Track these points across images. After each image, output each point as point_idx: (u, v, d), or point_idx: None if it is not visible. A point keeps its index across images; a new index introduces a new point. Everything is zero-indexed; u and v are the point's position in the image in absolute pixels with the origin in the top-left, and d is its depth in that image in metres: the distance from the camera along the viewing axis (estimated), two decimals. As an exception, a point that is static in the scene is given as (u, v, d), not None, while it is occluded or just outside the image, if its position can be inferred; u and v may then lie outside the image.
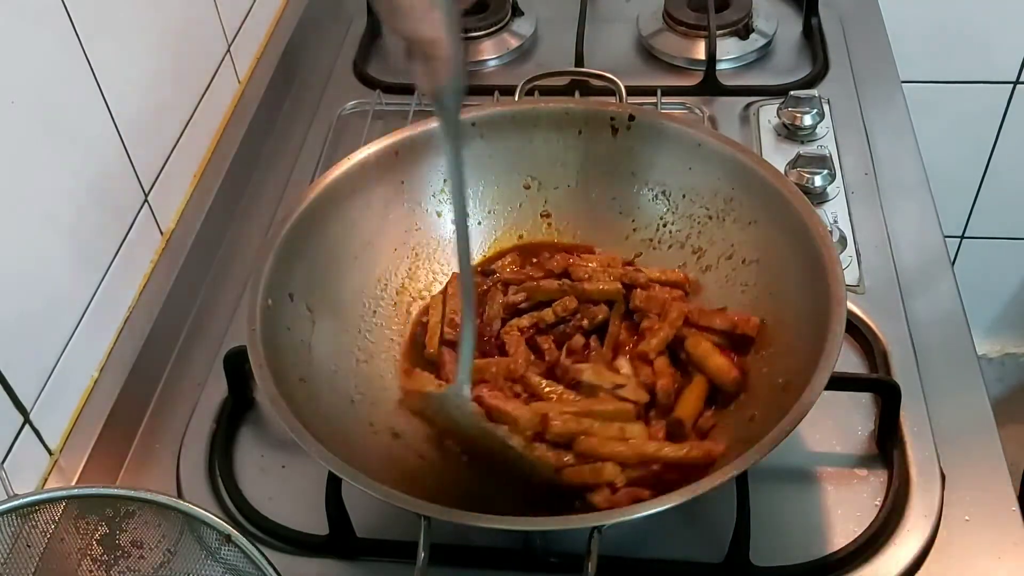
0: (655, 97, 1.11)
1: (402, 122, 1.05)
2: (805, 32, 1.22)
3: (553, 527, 0.67)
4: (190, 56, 1.01)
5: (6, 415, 0.72)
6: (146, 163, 0.91)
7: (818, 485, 0.76)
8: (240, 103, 1.11)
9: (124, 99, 0.87)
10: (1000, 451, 0.77)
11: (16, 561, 0.65)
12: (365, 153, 0.86)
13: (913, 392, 0.80)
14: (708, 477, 0.62)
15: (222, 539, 0.64)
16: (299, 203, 0.82)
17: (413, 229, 0.89)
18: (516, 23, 1.25)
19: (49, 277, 0.77)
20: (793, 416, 0.63)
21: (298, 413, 0.68)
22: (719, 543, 0.71)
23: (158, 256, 0.93)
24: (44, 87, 0.76)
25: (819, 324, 0.69)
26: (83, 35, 0.80)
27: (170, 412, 0.86)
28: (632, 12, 1.26)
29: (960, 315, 0.88)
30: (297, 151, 1.12)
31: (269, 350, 0.72)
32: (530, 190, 0.91)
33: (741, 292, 0.82)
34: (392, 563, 0.74)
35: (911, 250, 0.94)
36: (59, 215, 0.78)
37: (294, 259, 0.80)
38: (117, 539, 0.66)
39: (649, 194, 0.89)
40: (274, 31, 1.22)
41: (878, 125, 1.08)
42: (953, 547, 0.72)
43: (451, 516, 0.64)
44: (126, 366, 0.85)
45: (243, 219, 1.05)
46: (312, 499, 0.73)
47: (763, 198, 0.81)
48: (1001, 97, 1.55)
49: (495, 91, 1.13)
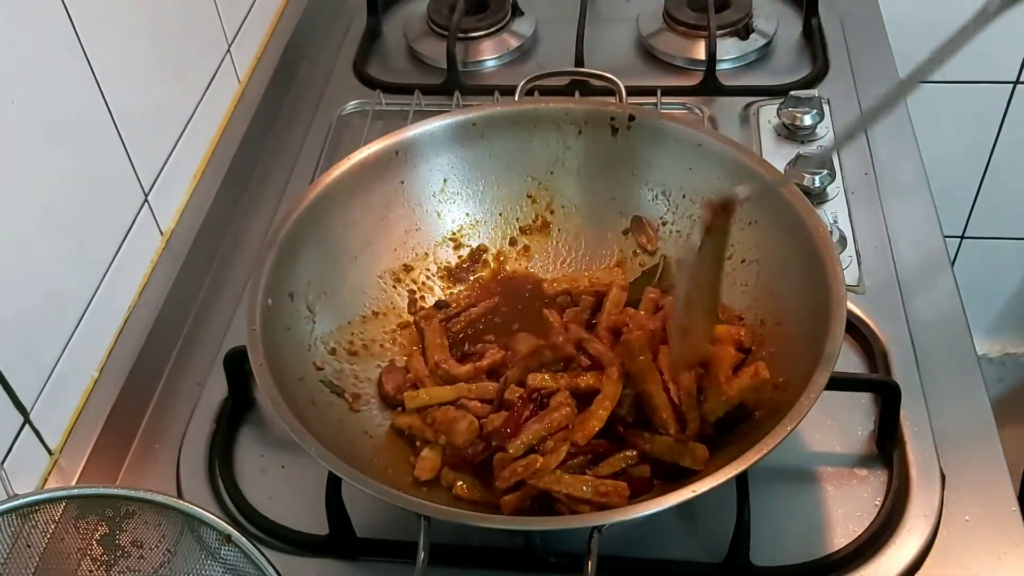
0: (655, 97, 1.11)
1: (402, 122, 1.05)
2: (805, 32, 1.22)
3: (553, 527, 0.68)
4: (190, 56, 1.01)
5: (6, 415, 0.72)
6: (146, 163, 0.91)
7: (818, 485, 0.76)
8: (240, 103, 1.11)
9: (124, 99, 0.87)
10: (1000, 451, 0.77)
11: (16, 561, 0.65)
12: (365, 153, 0.86)
13: (913, 392, 0.80)
14: (708, 477, 0.62)
15: (222, 539, 0.64)
16: (299, 203, 0.82)
17: (413, 229, 0.89)
18: (516, 23, 1.25)
19: (49, 277, 0.77)
20: (793, 416, 0.63)
21: (298, 413, 0.68)
22: (719, 543, 0.71)
23: (158, 256, 0.93)
24: (44, 87, 0.76)
25: (819, 324, 0.69)
26: (83, 35, 0.80)
27: (170, 412, 0.86)
28: (632, 12, 1.26)
29: (960, 315, 0.88)
30: (297, 151, 1.12)
31: (269, 350, 0.72)
32: (531, 191, 0.91)
33: (741, 292, 0.82)
34: (392, 563, 0.74)
35: (911, 250, 0.94)
36: (59, 215, 0.78)
37: (294, 259, 0.80)
38: (117, 539, 0.66)
39: (649, 194, 0.89)
40: (274, 31, 1.22)
41: (878, 125, 1.08)
42: (953, 547, 0.72)
43: (451, 516, 0.64)
44: (126, 366, 0.85)
45: (243, 219, 1.05)
46: (312, 499, 0.73)
47: (763, 198, 0.81)
48: (1001, 97, 1.55)
49: (495, 91, 1.13)
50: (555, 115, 0.89)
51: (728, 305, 0.81)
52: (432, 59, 1.22)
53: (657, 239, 0.88)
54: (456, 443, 0.73)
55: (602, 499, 0.68)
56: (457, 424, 0.73)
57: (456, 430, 0.73)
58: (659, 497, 0.62)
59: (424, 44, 1.24)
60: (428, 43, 1.24)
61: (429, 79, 1.19)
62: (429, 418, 0.76)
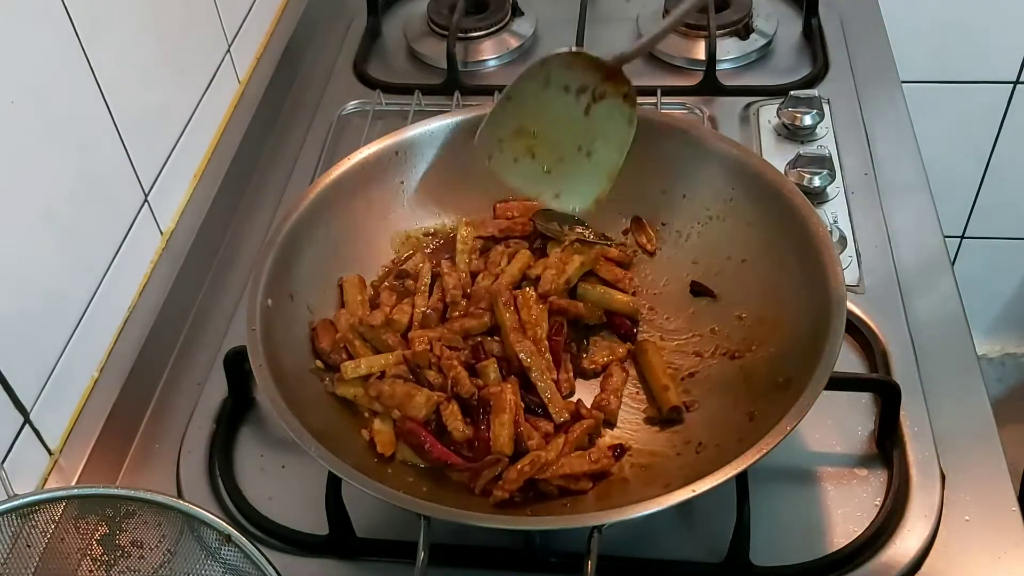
0: (655, 97, 1.11)
1: (402, 122, 1.05)
2: (805, 32, 1.22)
3: (553, 527, 0.68)
4: (190, 56, 1.01)
5: (6, 415, 0.72)
6: (146, 163, 0.91)
7: (818, 485, 0.76)
8: (240, 103, 1.11)
9: (124, 99, 0.87)
10: (1000, 451, 0.77)
11: (16, 561, 0.65)
12: (365, 153, 0.86)
13: (913, 392, 0.80)
14: (708, 477, 0.62)
15: (222, 539, 0.64)
16: (299, 203, 0.82)
17: (413, 229, 0.89)
18: (516, 23, 1.25)
19: (49, 277, 0.77)
20: (793, 416, 0.63)
21: (298, 413, 0.68)
22: (719, 543, 0.71)
23: (158, 256, 0.93)
24: (44, 87, 0.76)
25: (819, 324, 0.69)
26: (83, 35, 0.80)
27: (170, 412, 0.86)
28: (632, 12, 1.26)
29: (960, 315, 0.88)
30: (297, 151, 1.12)
31: (269, 350, 0.72)
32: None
33: (741, 292, 0.82)
34: (392, 563, 0.74)
35: (911, 250, 0.94)
36: (59, 215, 0.78)
37: (294, 259, 0.80)
38: (117, 539, 0.66)
39: (649, 194, 0.88)
40: (274, 31, 1.22)
41: (878, 125, 1.08)
42: (953, 547, 0.72)
43: (451, 516, 0.64)
44: (126, 366, 0.85)
45: (243, 219, 1.05)
46: (312, 499, 0.73)
47: (763, 198, 0.81)
48: (1001, 97, 1.55)
49: (495, 91, 1.13)
50: (555, 115, 0.89)
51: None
52: (432, 59, 1.22)
53: (657, 239, 0.88)
54: (417, 417, 0.73)
55: (595, 466, 0.71)
56: (414, 399, 0.73)
57: (414, 404, 0.73)
58: (659, 497, 0.62)
59: (424, 44, 1.24)
60: (428, 43, 1.24)
61: (429, 79, 1.19)
62: (374, 390, 0.75)
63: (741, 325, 0.80)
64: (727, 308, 0.82)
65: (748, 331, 0.79)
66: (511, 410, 0.73)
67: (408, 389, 0.74)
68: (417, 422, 0.73)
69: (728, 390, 0.77)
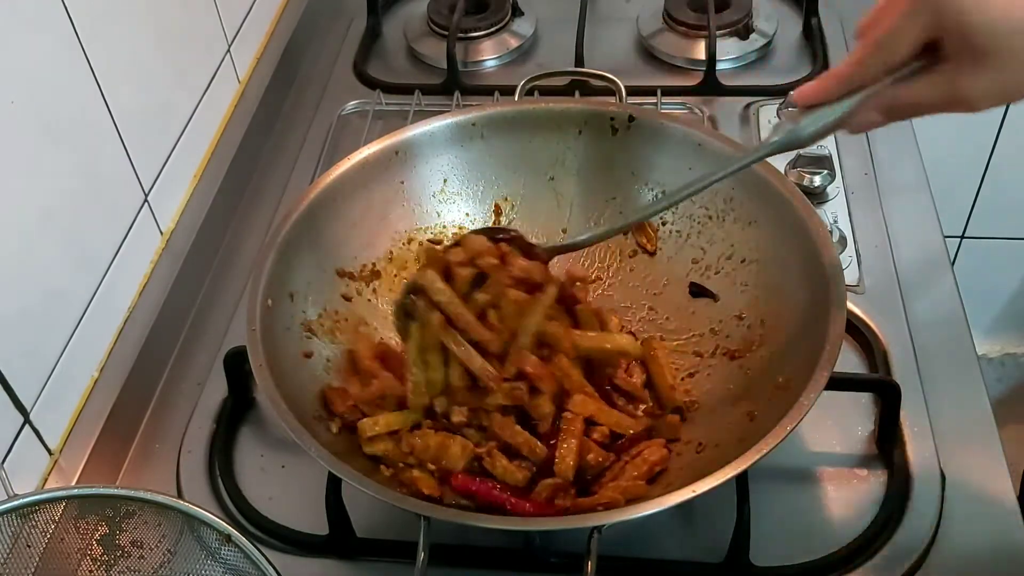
0: (655, 97, 1.11)
1: (402, 122, 1.05)
2: (805, 32, 1.22)
3: (553, 527, 0.68)
4: (190, 56, 1.01)
5: (6, 415, 0.72)
6: (146, 163, 0.91)
7: (818, 485, 0.76)
8: (240, 103, 1.11)
9: (124, 99, 0.87)
10: (1000, 451, 0.77)
11: (16, 561, 0.65)
12: (365, 153, 0.86)
13: (913, 392, 0.80)
14: (708, 477, 0.62)
15: (222, 539, 0.65)
16: (299, 203, 0.82)
17: (413, 229, 0.89)
18: (516, 23, 1.25)
19: (49, 277, 0.77)
20: (793, 416, 0.63)
21: (298, 413, 0.68)
22: (719, 543, 0.71)
23: (158, 256, 0.93)
24: (44, 87, 0.76)
25: (819, 324, 0.69)
26: (83, 35, 0.80)
27: (170, 412, 0.86)
28: (632, 12, 1.26)
29: (960, 315, 0.88)
30: (297, 151, 1.12)
31: (269, 350, 0.72)
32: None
33: (741, 292, 0.82)
34: (392, 563, 0.74)
35: (911, 250, 0.94)
36: (59, 215, 0.78)
37: (294, 259, 0.80)
38: (117, 539, 0.66)
39: (649, 194, 0.88)
40: (274, 31, 1.22)
41: (878, 125, 1.08)
42: (953, 547, 0.72)
43: (451, 516, 0.64)
44: (126, 366, 0.85)
45: (243, 219, 1.05)
46: (312, 499, 0.73)
47: (763, 198, 0.81)
48: (1001, 97, 1.55)
49: (495, 91, 1.13)
50: (555, 115, 0.89)
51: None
52: (432, 59, 1.22)
53: (657, 239, 0.88)
54: (456, 469, 0.70)
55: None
56: (450, 450, 0.71)
57: (451, 455, 0.71)
58: (659, 497, 0.62)
59: (424, 44, 1.24)
60: (428, 43, 1.24)
61: (429, 79, 1.19)
62: (406, 445, 0.72)
63: (741, 325, 0.80)
64: (727, 308, 0.82)
65: (748, 331, 0.79)
66: (579, 436, 0.71)
67: (441, 440, 0.71)
68: (465, 478, 0.70)
69: (728, 390, 0.77)
